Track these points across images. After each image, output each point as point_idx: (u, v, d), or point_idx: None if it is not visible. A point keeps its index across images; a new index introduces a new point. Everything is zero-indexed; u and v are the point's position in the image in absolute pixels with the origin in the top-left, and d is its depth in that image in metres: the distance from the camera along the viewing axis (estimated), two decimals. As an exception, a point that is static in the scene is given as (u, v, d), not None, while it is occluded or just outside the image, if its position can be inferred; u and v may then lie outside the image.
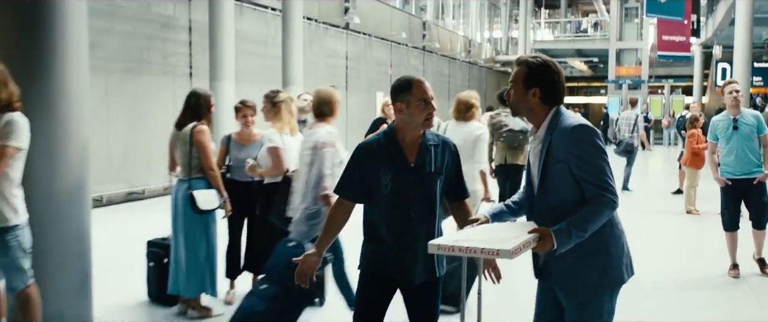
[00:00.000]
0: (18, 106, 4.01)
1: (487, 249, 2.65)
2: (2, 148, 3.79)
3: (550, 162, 2.89)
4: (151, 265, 5.54)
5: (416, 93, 3.20)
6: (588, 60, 40.48)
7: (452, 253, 2.78)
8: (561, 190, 2.87)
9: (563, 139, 2.85)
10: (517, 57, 3.15)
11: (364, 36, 20.63)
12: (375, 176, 3.23)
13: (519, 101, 2.97)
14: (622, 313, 3.13)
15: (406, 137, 3.26)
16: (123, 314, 5.33)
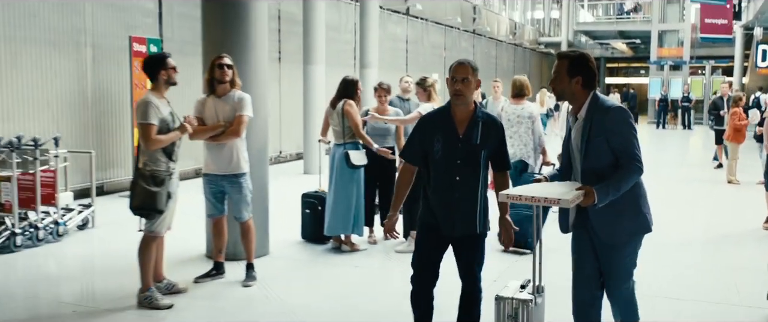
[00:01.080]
0: (240, 85, 5.56)
1: (549, 198, 3.36)
2: (242, 117, 5.34)
3: (592, 136, 3.50)
4: (306, 212, 7.11)
5: (451, 73, 3.86)
6: (630, 41, 41.16)
7: (520, 201, 3.51)
8: (600, 158, 3.49)
9: (603, 117, 3.49)
10: (558, 52, 3.84)
11: (422, 21, 22.03)
12: (430, 142, 3.82)
13: (564, 89, 3.59)
14: (674, 258, 4.47)
15: (457, 112, 3.85)
16: (290, 249, 6.90)
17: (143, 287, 5.05)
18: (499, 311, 3.86)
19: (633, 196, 3.53)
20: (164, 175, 4.93)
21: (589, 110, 3.54)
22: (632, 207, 3.55)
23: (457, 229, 3.82)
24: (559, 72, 3.58)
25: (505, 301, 3.84)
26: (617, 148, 3.46)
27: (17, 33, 8.84)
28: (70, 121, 9.54)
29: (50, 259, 6.61)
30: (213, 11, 6.46)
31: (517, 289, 3.94)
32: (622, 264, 3.61)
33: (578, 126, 3.58)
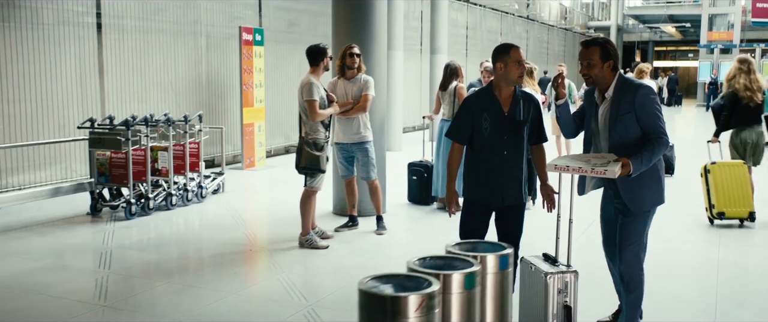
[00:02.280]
0: (365, 69, 6.73)
1: (597, 169, 3.54)
2: (367, 96, 6.52)
3: (621, 112, 3.77)
4: (413, 179, 8.31)
5: (514, 55, 4.11)
6: (679, 25, 41.42)
7: (567, 171, 3.67)
8: (629, 132, 3.77)
9: (633, 95, 3.76)
10: (584, 40, 4.03)
11: (480, 7, 23.02)
12: (478, 121, 4.12)
13: (597, 73, 3.83)
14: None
15: (502, 91, 4.16)
16: (401, 208, 8.12)
17: (304, 231, 6.31)
18: (549, 288, 3.50)
19: (655, 169, 3.85)
20: (323, 142, 6.14)
21: (616, 90, 3.82)
22: (656, 179, 3.87)
23: (506, 199, 4.17)
24: (591, 58, 3.82)
25: (555, 276, 3.53)
26: (646, 123, 3.75)
27: (148, 25, 10.18)
28: (188, 102, 10.86)
29: (203, 215, 7.92)
30: (342, 8, 7.61)
31: (551, 264, 3.70)
32: (639, 232, 3.90)
33: (606, 105, 3.86)
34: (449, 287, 2.31)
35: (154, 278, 5.46)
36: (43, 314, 4.61)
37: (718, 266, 5.91)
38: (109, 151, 7.58)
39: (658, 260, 5.65)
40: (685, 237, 6.95)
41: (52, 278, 5.41)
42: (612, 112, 3.82)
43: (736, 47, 32.90)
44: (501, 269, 2.60)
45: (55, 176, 8.79)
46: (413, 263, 2.46)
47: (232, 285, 5.34)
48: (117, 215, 7.61)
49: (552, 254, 3.80)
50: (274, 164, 11.90)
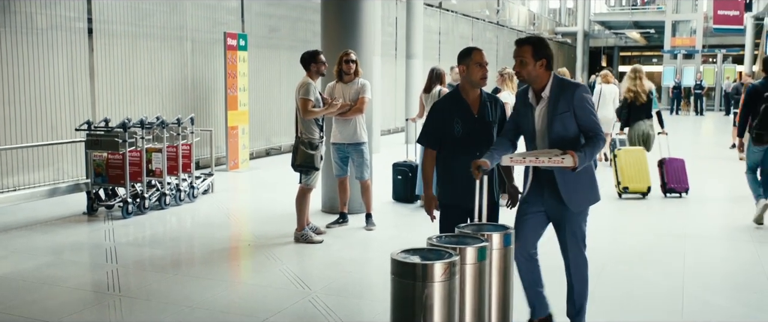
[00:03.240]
0: (362, 73, 7.11)
1: (554, 159, 3.61)
2: (364, 98, 6.90)
3: (559, 111, 3.81)
4: (398, 178, 8.71)
5: (475, 57, 4.14)
6: (644, 31, 42.48)
7: (523, 163, 3.76)
8: (568, 131, 3.83)
9: (571, 94, 3.81)
10: (517, 38, 4.03)
11: (452, 13, 23.55)
12: (449, 124, 4.15)
13: (530, 72, 3.83)
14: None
15: (469, 94, 4.20)
16: (387, 206, 8.50)
17: (299, 227, 6.66)
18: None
19: (590, 170, 3.97)
20: (318, 142, 6.51)
21: (553, 89, 3.84)
22: (591, 180, 3.96)
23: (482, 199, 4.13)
24: (523, 57, 3.80)
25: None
26: (584, 121, 3.83)
27: (136, 30, 10.44)
28: (174, 105, 11.13)
29: (197, 213, 8.22)
30: (331, 14, 7.99)
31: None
32: (580, 229, 4.00)
33: (543, 104, 3.87)
34: (464, 259, 2.70)
35: (163, 271, 5.77)
36: (62, 303, 4.90)
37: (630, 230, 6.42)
38: (105, 153, 7.85)
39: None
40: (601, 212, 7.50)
41: (63, 272, 5.69)
42: (550, 111, 3.85)
43: (699, 53, 33.94)
44: (505, 246, 3.00)
45: (47, 177, 9.02)
46: (433, 239, 2.85)
47: (237, 276, 5.67)
48: (113, 214, 7.88)
49: None
50: (257, 166, 12.21)
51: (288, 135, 13.97)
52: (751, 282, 5.62)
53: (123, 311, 4.75)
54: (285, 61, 14.09)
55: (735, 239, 7.15)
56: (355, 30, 7.88)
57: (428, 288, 2.49)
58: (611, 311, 4.82)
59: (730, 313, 4.87)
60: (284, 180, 9.48)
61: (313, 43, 13.12)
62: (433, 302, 2.49)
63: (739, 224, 7.69)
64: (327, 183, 7.95)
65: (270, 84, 13.68)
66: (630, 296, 5.21)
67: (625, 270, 5.88)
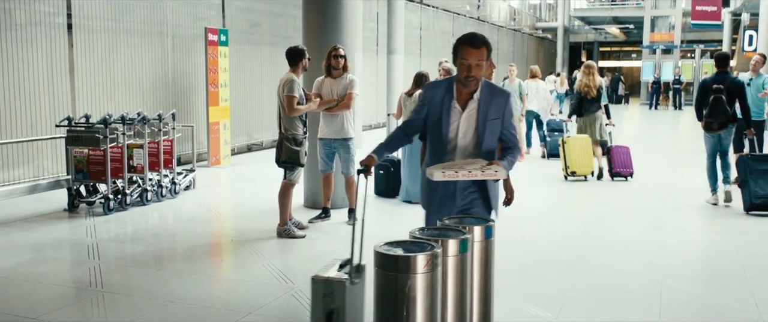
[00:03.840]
0: (350, 68, 7.14)
1: (487, 172, 3.43)
2: (351, 94, 6.93)
3: (490, 117, 3.63)
4: (380, 173, 8.74)
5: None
6: (623, 26, 42.83)
7: (457, 178, 3.45)
8: (494, 137, 3.68)
9: (502, 100, 3.69)
10: (467, 37, 3.64)
11: (433, 9, 23.61)
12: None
13: (487, 74, 3.69)
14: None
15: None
16: (368, 201, 8.51)
17: (282, 222, 6.67)
18: (314, 291, 3.50)
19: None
20: (302, 138, 6.53)
21: (485, 92, 3.66)
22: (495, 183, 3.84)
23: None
24: (481, 58, 3.57)
25: (320, 281, 3.49)
26: (508, 130, 3.72)
27: (116, 26, 10.39)
28: (155, 101, 11.08)
29: (178, 209, 8.20)
30: (313, 9, 8.00)
31: (337, 269, 3.67)
32: None
33: (473, 108, 3.65)
34: (446, 251, 2.75)
35: (145, 267, 5.77)
36: (45, 300, 4.89)
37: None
38: (86, 149, 7.81)
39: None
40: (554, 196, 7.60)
41: (45, 269, 5.68)
42: (481, 116, 3.65)
43: (677, 48, 34.27)
44: (486, 238, 3.04)
45: (27, 174, 8.95)
46: (415, 232, 2.89)
47: (220, 271, 5.69)
48: (94, 210, 7.84)
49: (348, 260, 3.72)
50: (239, 162, 12.19)
51: (270, 131, 13.97)
52: (728, 272, 5.72)
53: (105, 307, 4.75)
54: (266, 57, 14.06)
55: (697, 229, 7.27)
56: (336, 25, 7.90)
57: (411, 280, 2.53)
58: (592, 304, 4.90)
59: (705, 302, 4.96)
60: (266, 176, 9.48)
61: (295, 39, 13.09)
62: (415, 293, 2.53)
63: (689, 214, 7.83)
64: (309, 178, 7.97)
65: (251, 80, 13.66)
66: (609, 288, 5.29)
67: (605, 262, 5.97)
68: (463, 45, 3.59)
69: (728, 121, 8.11)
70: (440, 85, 3.78)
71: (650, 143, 17.13)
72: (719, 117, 8.06)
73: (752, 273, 5.61)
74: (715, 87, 8.06)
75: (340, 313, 3.40)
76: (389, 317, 2.58)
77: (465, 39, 3.62)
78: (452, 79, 3.73)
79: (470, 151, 3.65)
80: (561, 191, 9.64)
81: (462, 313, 2.88)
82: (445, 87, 3.73)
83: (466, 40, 3.61)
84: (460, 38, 3.69)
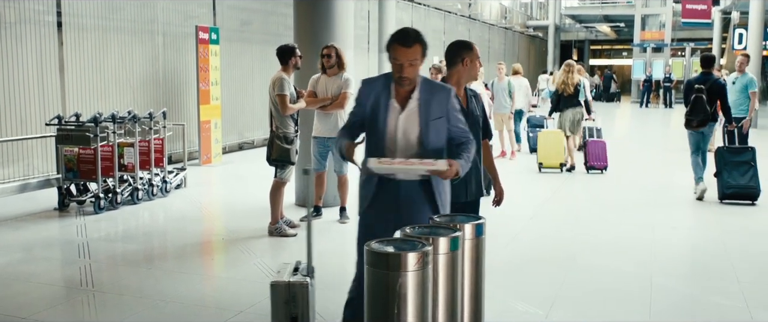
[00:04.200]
0: (347, 66, 7.13)
1: (431, 170, 3.22)
2: (346, 93, 6.92)
3: (432, 117, 3.41)
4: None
5: (476, 52, 4.04)
6: (614, 25, 42.96)
7: (392, 164, 3.23)
8: (440, 136, 3.46)
9: (445, 98, 3.45)
10: (398, 35, 3.40)
11: (424, 7, 23.62)
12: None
13: (418, 74, 3.41)
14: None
15: (458, 89, 3.96)
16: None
17: (273, 220, 6.67)
18: (275, 297, 3.50)
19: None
20: (293, 136, 6.52)
21: (423, 91, 3.44)
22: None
23: (469, 194, 4.05)
24: (415, 58, 3.34)
25: (281, 286, 3.48)
26: (458, 126, 3.50)
27: (107, 24, 10.35)
28: (146, 99, 11.04)
29: (170, 208, 8.18)
30: (304, 7, 7.99)
31: (291, 273, 3.65)
32: None
33: (412, 107, 3.43)
34: (437, 249, 2.75)
35: (136, 266, 5.76)
36: (35, 299, 4.87)
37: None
38: (77, 148, 7.78)
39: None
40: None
41: (35, 268, 5.66)
42: (422, 116, 3.42)
43: (668, 46, 34.41)
44: (477, 236, 3.05)
45: (17, 173, 8.91)
46: (406, 230, 2.89)
47: (212, 270, 5.68)
48: (85, 209, 7.82)
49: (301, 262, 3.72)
50: (230, 161, 12.17)
51: (261, 129, 13.95)
52: (718, 268, 5.76)
53: (96, 307, 4.74)
54: (257, 55, 14.04)
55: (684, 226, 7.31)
56: (327, 23, 7.90)
57: (402, 278, 2.53)
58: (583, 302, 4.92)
59: (694, 299, 4.99)
60: (257, 174, 9.46)
61: (286, 37, 13.08)
62: (406, 291, 2.54)
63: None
64: (300, 177, 7.95)
65: (242, 78, 13.63)
66: (599, 286, 5.32)
67: (595, 260, 5.99)
68: (394, 43, 3.37)
69: (707, 120, 8.49)
70: (376, 81, 3.54)
71: (641, 141, 17.22)
72: (698, 115, 8.44)
73: (741, 270, 5.64)
74: (697, 87, 8.49)
75: (304, 316, 3.45)
76: (380, 315, 2.58)
77: (396, 37, 3.40)
78: (389, 75, 3.49)
79: (414, 152, 3.43)
80: (549, 188, 9.69)
81: (453, 311, 2.89)
82: (381, 84, 3.50)
83: (396, 37, 3.39)
84: (392, 35, 3.45)
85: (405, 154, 3.42)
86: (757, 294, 5.07)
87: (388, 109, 3.45)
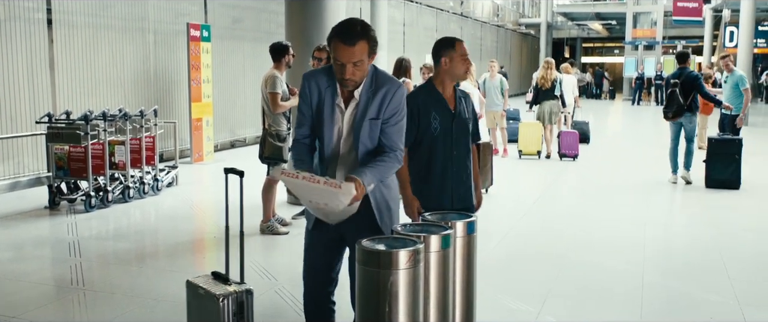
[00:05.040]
0: None
1: (331, 182, 2.76)
2: None
3: (368, 116, 2.97)
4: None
5: (459, 49, 3.75)
6: (606, 22, 43.07)
7: (296, 178, 2.81)
8: (373, 140, 3.03)
9: (388, 94, 2.98)
10: (339, 31, 2.91)
11: (416, 4, 23.62)
12: (426, 120, 3.67)
13: (364, 75, 2.96)
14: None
15: (445, 88, 3.78)
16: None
17: (265, 218, 6.66)
18: (223, 311, 3.37)
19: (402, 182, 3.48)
20: (285, 134, 6.51)
21: (368, 86, 3.00)
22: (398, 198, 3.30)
23: (456, 202, 3.76)
24: (363, 58, 2.90)
25: (229, 297, 3.40)
26: (391, 132, 3.02)
27: (97, 21, 10.30)
28: (137, 97, 11.00)
29: (161, 206, 8.15)
30: (295, 5, 7.98)
31: (222, 282, 3.59)
32: None
33: (353, 107, 3.02)
34: (429, 246, 2.75)
35: (127, 264, 5.74)
36: (25, 298, 4.84)
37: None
38: (67, 146, 7.74)
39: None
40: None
41: (26, 267, 5.63)
42: (359, 114, 3.01)
43: (659, 44, 34.52)
44: (469, 234, 3.05)
45: (7, 171, 8.87)
46: (398, 228, 2.89)
47: (203, 268, 5.64)
48: (76, 208, 7.78)
49: (222, 272, 3.61)
50: (222, 158, 12.12)
51: (253, 127, 13.92)
52: (709, 265, 5.78)
53: (87, 306, 4.72)
54: (249, 52, 14.01)
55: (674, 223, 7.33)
56: (319, 21, 7.88)
57: (393, 276, 2.53)
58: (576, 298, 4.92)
59: (687, 296, 5.01)
60: (249, 172, 9.34)
61: (278, 35, 13.08)
62: (398, 288, 2.54)
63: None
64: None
65: (234, 75, 13.60)
66: (590, 283, 5.33)
67: (587, 257, 6.01)
68: (335, 39, 2.90)
69: (682, 111, 9.16)
70: (320, 76, 3.07)
71: (633, 138, 17.28)
72: (672, 107, 9.21)
73: (733, 267, 5.66)
74: (673, 81, 9.28)
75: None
76: (371, 313, 2.58)
77: (337, 31, 2.91)
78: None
79: (351, 161, 3.05)
80: (541, 185, 9.72)
81: (444, 308, 2.89)
82: (326, 78, 3.05)
83: (337, 32, 2.91)
84: (333, 28, 2.95)
85: (346, 164, 3.05)
86: (748, 291, 5.09)
87: (333, 108, 3.04)
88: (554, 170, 11.13)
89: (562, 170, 11.16)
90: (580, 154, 12.07)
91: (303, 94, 3.09)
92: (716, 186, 9.07)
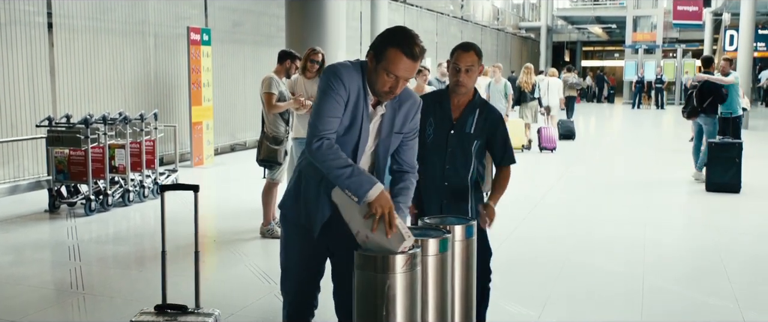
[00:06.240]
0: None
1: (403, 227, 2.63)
2: None
3: (395, 128, 2.93)
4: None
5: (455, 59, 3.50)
6: (606, 26, 43.10)
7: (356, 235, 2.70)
8: (388, 156, 2.98)
9: (411, 109, 2.94)
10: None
11: (417, 8, 23.63)
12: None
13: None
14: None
15: (456, 97, 3.55)
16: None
17: (265, 222, 6.66)
18: None
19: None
20: (282, 136, 6.51)
21: (396, 98, 2.90)
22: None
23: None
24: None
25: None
26: (411, 149, 3.01)
27: (98, 25, 10.32)
28: (137, 101, 11.01)
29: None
30: (296, 8, 7.99)
31: (164, 313, 3.61)
32: None
33: (379, 113, 2.90)
34: (426, 250, 2.75)
35: (127, 268, 5.75)
36: (25, 302, 4.85)
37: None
38: (67, 149, 7.75)
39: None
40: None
41: (26, 271, 5.63)
42: (386, 126, 2.91)
43: (659, 48, 34.54)
44: (467, 237, 3.05)
45: (7, 175, 8.87)
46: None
47: (204, 272, 5.64)
48: (76, 211, 7.78)
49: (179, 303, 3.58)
50: (222, 162, 12.15)
51: (253, 130, 13.92)
52: (709, 268, 5.78)
53: (86, 309, 4.72)
54: (249, 56, 14.02)
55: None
56: (319, 25, 7.89)
57: (390, 279, 2.53)
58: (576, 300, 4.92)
59: (685, 299, 5.01)
60: (249, 175, 9.44)
61: (278, 38, 13.11)
62: (395, 293, 2.53)
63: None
64: (289, 178, 7.94)
65: (234, 79, 13.61)
66: (593, 286, 5.33)
67: (587, 260, 6.01)
68: (397, 51, 2.72)
69: (696, 112, 9.78)
70: (355, 74, 2.81)
71: (633, 141, 17.27)
72: (687, 108, 10.01)
73: (733, 270, 5.66)
74: (693, 85, 10.03)
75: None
76: (369, 317, 2.58)
77: (400, 43, 2.73)
78: (364, 66, 2.84)
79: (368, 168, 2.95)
80: (541, 188, 9.73)
81: (443, 312, 2.89)
82: (359, 80, 2.81)
83: (401, 44, 2.72)
84: (393, 38, 2.76)
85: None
86: (749, 295, 5.09)
87: (366, 111, 2.83)
88: (553, 170, 11.15)
89: (563, 171, 11.26)
90: (562, 149, 13.68)
91: (338, 86, 2.74)
92: (717, 189, 9.15)
